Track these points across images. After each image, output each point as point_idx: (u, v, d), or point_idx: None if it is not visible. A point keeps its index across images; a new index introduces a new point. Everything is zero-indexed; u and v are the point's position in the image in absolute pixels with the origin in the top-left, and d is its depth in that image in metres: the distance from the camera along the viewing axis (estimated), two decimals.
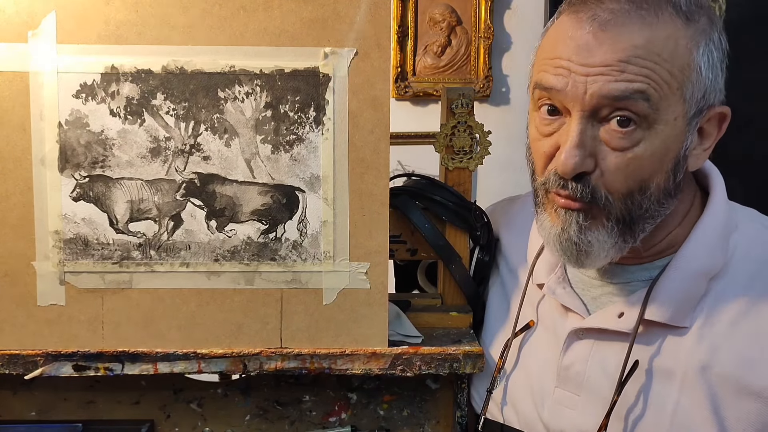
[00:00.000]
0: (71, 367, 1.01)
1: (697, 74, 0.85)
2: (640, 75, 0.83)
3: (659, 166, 0.87)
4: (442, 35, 2.21)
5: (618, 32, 0.84)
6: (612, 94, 0.84)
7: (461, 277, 1.12)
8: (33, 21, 0.97)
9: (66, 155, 0.99)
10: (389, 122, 1.00)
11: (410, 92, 2.22)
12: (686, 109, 0.86)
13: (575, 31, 0.86)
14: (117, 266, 1.01)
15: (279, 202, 1.01)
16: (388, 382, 1.09)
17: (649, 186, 0.88)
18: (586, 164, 0.87)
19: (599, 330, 0.94)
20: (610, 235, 0.89)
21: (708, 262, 0.91)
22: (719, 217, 0.93)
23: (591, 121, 0.86)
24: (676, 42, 0.84)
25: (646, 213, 0.89)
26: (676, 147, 0.87)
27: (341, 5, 0.97)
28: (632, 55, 0.83)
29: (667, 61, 0.84)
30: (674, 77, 0.84)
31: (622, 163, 0.86)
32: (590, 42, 0.85)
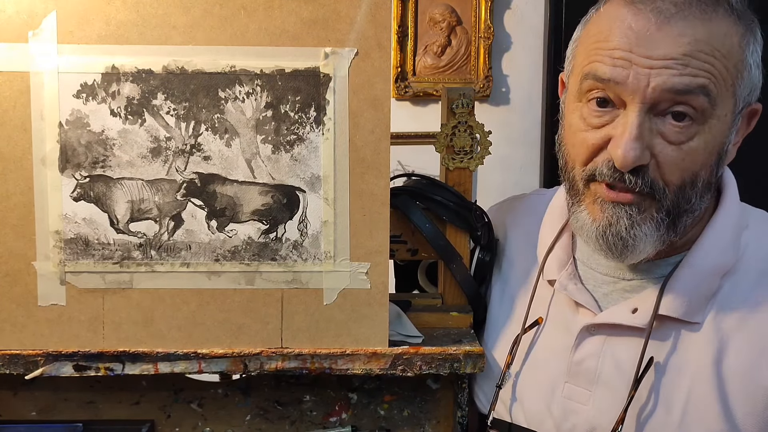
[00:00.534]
0: (72, 367, 1.01)
1: (748, 72, 0.87)
2: (703, 70, 0.84)
3: (708, 160, 0.89)
4: (442, 35, 2.21)
5: (682, 26, 0.84)
6: (676, 88, 0.84)
7: (462, 277, 1.12)
8: (33, 21, 0.97)
9: (67, 155, 0.99)
10: (389, 122, 1.00)
11: (410, 92, 2.22)
12: (735, 105, 0.88)
13: (637, 22, 0.85)
14: (117, 266, 1.01)
15: (279, 202, 1.01)
16: (389, 382, 1.09)
17: (699, 179, 0.89)
18: (644, 157, 0.87)
19: (612, 325, 0.95)
20: (658, 228, 0.90)
21: (721, 259, 0.92)
22: (732, 216, 0.94)
23: (649, 114, 0.86)
24: (731, 39, 0.85)
25: (691, 207, 0.90)
26: (722, 141, 0.89)
27: (341, 5, 0.97)
28: (696, 49, 0.84)
29: (725, 57, 0.85)
30: (730, 73, 0.86)
31: (678, 156, 0.87)
32: (654, 34, 0.84)
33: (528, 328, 1.04)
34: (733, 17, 0.86)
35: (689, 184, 0.89)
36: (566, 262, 1.03)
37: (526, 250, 1.12)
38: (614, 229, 0.90)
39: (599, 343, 0.96)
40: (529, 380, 1.02)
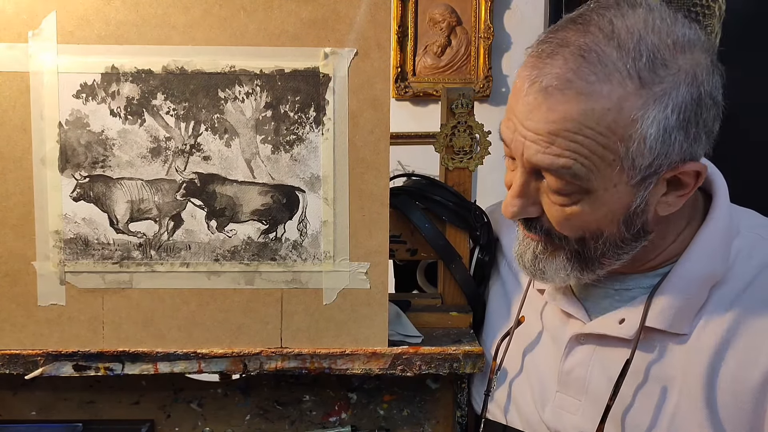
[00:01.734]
0: (71, 367, 1.01)
1: (639, 144, 0.81)
2: (568, 150, 0.81)
3: (606, 222, 0.87)
4: (442, 35, 2.21)
5: (556, 101, 0.81)
6: (539, 165, 0.84)
7: (461, 276, 1.12)
8: (33, 21, 0.97)
9: (66, 155, 0.99)
10: (389, 122, 1.00)
11: (410, 92, 2.22)
12: (629, 177, 0.83)
13: (521, 89, 0.84)
14: (117, 266, 1.01)
15: (279, 202, 1.01)
16: (388, 382, 1.09)
17: (601, 234, 0.87)
18: (529, 212, 0.88)
19: (600, 336, 0.94)
20: (565, 266, 0.91)
21: (709, 269, 0.90)
22: (721, 224, 0.92)
23: (534, 173, 0.86)
24: (618, 113, 0.80)
25: (603, 255, 0.89)
26: (621, 207, 0.85)
27: (341, 5, 0.98)
28: (563, 128, 0.81)
29: (602, 134, 0.80)
30: (609, 149, 0.81)
31: (563, 216, 0.87)
32: (530, 104, 0.83)
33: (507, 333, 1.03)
34: (632, 85, 0.80)
35: (591, 238, 0.88)
36: None
37: None
38: (523, 259, 0.94)
39: (588, 353, 0.95)
40: (523, 386, 1.02)
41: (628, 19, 0.82)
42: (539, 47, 0.84)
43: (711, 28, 2.25)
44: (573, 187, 0.84)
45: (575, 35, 0.82)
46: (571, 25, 0.84)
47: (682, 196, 0.87)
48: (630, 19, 0.82)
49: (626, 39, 0.80)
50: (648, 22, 0.82)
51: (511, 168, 0.91)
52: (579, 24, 0.83)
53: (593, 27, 0.82)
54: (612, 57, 0.80)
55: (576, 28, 0.83)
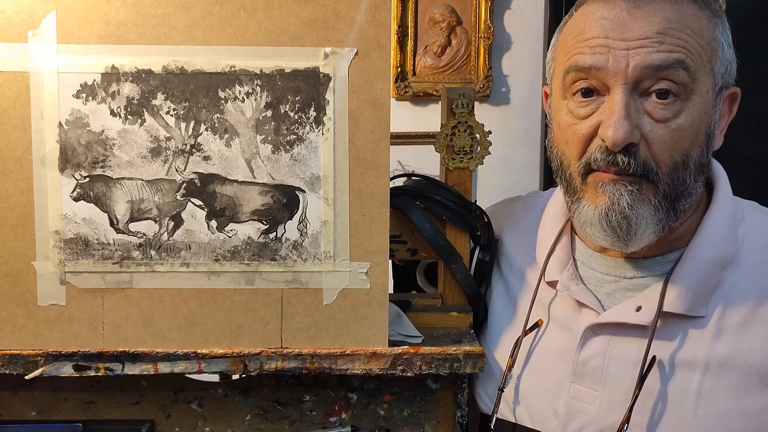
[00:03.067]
0: (71, 367, 1.01)
1: (721, 49, 0.91)
2: (678, 46, 0.88)
3: (696, 139, 0.91)
4: (442, 35, 2.21)
5: (651, 9, 0.88)
6: (654, 64, 0.87)
7: (462, 276, 1.12)
8: (33, 21, 0.97)
9: (66, 155, 0.99)
10: (389, 122, 1.00)
11: (410, 92, 2.22)
12: (715, 82, 0.91)
13: (608, 11, 0.90)
14: (117, 266, 1.01)
15: (279, 202, 1.01)
16: (389, 382, 1.09)
17: (690, 159, 0.91)
18: (634, 135, 0.89)
19: (617, 325, 0.95)
20: (656, 211, 0.91)
21: (720, 251, 0.93)
22: (726, 209, 0.96)
23: (633, 94, 0.89)
24: (700, 20, 0.90)
25: (687, 189, 0.92)
26: (707, 119, 0.92)
27: (341, 5, 0.97)
28: (668, 27, 0.88)
29: (697, 34, 0.89)
30: (704, 49, 0.89)
31: (666, 134, 0.89)
32: (626, 18, 0.88)
33: (528, 331, 1.03)
34: (699, 3, 0.91)
35: (681, 164, 0.90)
36: (567, 263, 1.03)
37: (525, 251, 1.12)
38: (617, 207, 0.91)
39: (604, 343, 0.96)
40: (532, 381, 1.02)
41: None
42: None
43: None
44: (679, 87, 0.88)
45: None
46: None
47: (722, 130, 0.96)
48: None
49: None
50: None
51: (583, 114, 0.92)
52: None
53: None
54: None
55: None
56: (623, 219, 0.91)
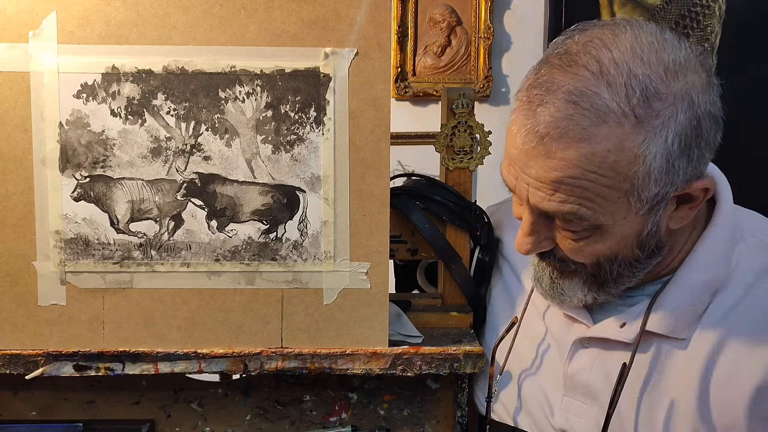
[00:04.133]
0: (72, 367, 1.01)
1: (644, 179, 0.80)
2: (573, 195, 0.81)
3: (620, 248, 0.86)
4: (442, 35, 2.21)
5: (554, 149, 0.80)
6: (547, 211, 0.84)
7: (461, 277, 1.12)
8: (34, 21, 0.97)
9: (67, 155, 0.99)
10: (389, 122, 1.00)
11: (410, 92, 2.22)
12: (637, 209, 0.82)
13: (519, 136, 0.83)
14: (118, 266, 1.01)
15: (279, 202, 1.01)
16: (389, 382, 1.09)
17: (616, 257, 0.87)
18: (542, 246, 0.89)
19: (603, 340, 0.94)
20: (582, 288, 0.91)
21: (710, 275, 0.89)
22: (724, 229, 0.91)
23: (543, 214, 0.86)
24: (619, 152, 0.79)
25: (619, 276, 0.89)
26: (634, 234, 0.85)
27: (341, 5, 0.98)
28: (565, 176, 0.80)
29: (605, 176, 0.80)
30: (614, 188, 0.81)
31: (578, 248, 0.87)
32: (529, 153, 0.82)
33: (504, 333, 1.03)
34: (628, 123, 0.78)
35: (607, 262, 0.88)
36: None
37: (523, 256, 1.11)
38: (541, 284, 0.94)
39: (592, 357, 0.95)
40: (532, 387, 1.02)
41: (614, 52, 0.79)
42: (529, 92, 0.83)
43: (711, 28, 2.25)
44: (582, 226, 0.84)
45: (563, 78, 0.80)
46: (558, 63, 0.81)
47: (693, 208, 0.87)
48: (616, 52, 0.80)
49: (616, 76, 0.78)
50: (636, 52, 0.79)
51: (519, 203, 0.90)
52: (565, 64, 0.81)
53: (580, 68, 0.80)
54: (604, 98, 0.78)
55: (563, 69, 0.81)
56: (551, 290, 0.93)
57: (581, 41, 0.82)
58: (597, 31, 0.83)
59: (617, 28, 0.82)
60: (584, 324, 0.97)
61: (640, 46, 0.80)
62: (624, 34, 0.81)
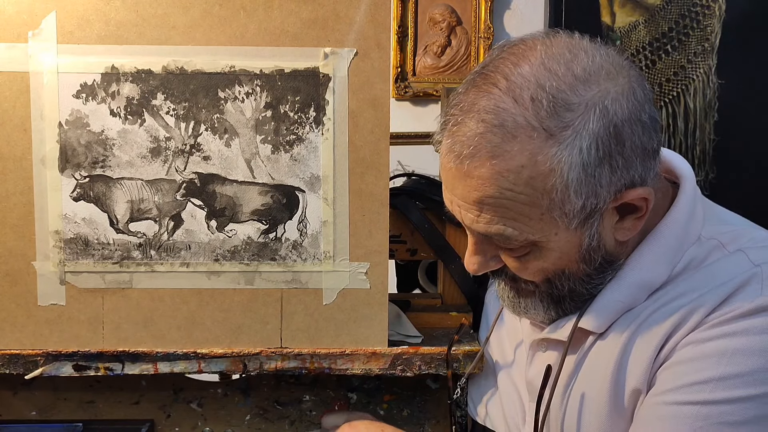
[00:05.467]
0: (71, 367, 1.01)
1: (563, 192, 0.78)
2: (496, 216, 0.81)
3: (563, 263, 0.85)
4: (442, 35, 2.21)
5: (471, 167, 0.79)
6: (477, 232, 0.84)
7: (461, 277, 1.12)
8: (33, 21, 0.97)
9: (66, 155, 0.99)
10: (389, 122, 1.00)
11: (410, 92, 2.23)
12: (566, 222, 0.81)
13: (443, 158, 0.83)
14: (117, 266, 1.01)
15: (279, 202, 1.01)
16: (388, 382, 1.09)
17: (563, 273, 0.86)
18: (490, 266, 0.88)
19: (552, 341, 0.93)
20: (542, 305, 0.90)
21: (648, 276, 0.87)
22: (675, 231, 0.88)
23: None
24: (533, 167, 0.78)
25: (572, 292, 0.88)
26: (573, 248, 0.84)
27: (341, 5, 0.98)
28: (484, 195, 0.80)
29: (523, 193, 0.79)
30: (534, 205, 0.80)
31: (522, 266, 0.86)
32: (452, 173, 0.82)
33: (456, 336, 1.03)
34: (539, 137, 0.77)
35: (555, 278, 0.87)
36: None
37: None
38: (504, 301, 0.94)
39: (545, 359, 0.94)
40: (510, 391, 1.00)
41: (523, 67, 0.79)
42: (449, 112, 0.83)
43: (711, 28, 2.25)
44: (518, 244, 0.83)
45: (477, 97, 0.80)
46: (473, 84, 0.82)
47: (639, 218, 0.84)
48: (526, 66, 0.79)
49: (522, 90, 0.78)
50: (545, 64, 0.79)
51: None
52: (480, 81, 0.81)
53: (491, 85, 0.80)
54: (512, 113, 0.77)
55: (476, 88, 0.81)
56: (514, 307, 0.93)
57: (497, 58, 0.82)
58: (512, 48, 0.82)
59: (530, 42, 0.82)
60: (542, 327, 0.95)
61: (549, 58, 0.79)
62: (535, 48, 0.81)
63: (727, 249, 0.86)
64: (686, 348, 0.82)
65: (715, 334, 0.80)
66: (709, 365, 0.79)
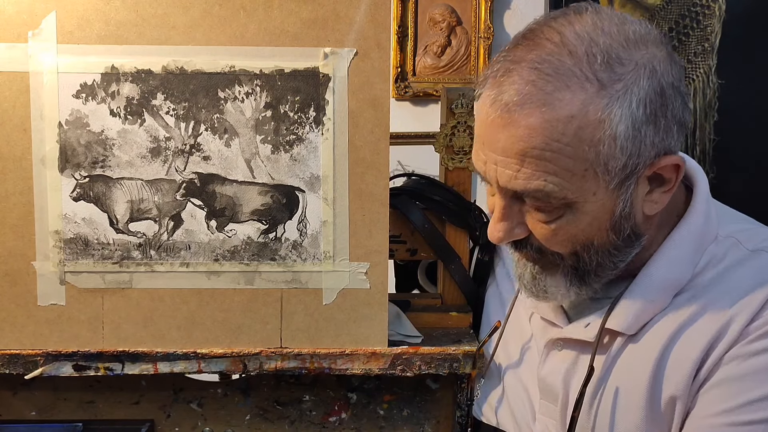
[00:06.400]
0: (71, 367, 1.01)
1: (610, 146, 0.79)
2: (538, 170, 0.80)
3: (594, 231, 0.85)
4: (442, 35, 2.21)
5: (518, 116, 0.79)
6: (514, 189, 0.83)
7: (461, 277, 1.12)
8: (33, 21, 0.97)
9: (66, 155, 0.99)
10: (389, 122, 1.00)
11: (410, 92, 2.23)
12: (605, 182, 0.81)
13: (485, 112, 0.83)
14: (117, 266, 1.01)
15: (279, 202, 1.01)
16: (388, 382, 1.09)
17: (591, 244, 0.86)
18: (515, 234, 0.87)
19: (572, 340, 0.93)
20: (564, 282, 0.89)
21: (673, 275, 0.88)
22: (693, 229, 0.89)
23: (514, 196, 0.85)
24: (583, 117, 0.78)
25: (599, 266, 0.87)
26: (606, 214, 0.84)
27: (341, 5, 0.98)
28: (530, 146, 0.79)
29: (570, 145, 0.79)
30: (580, 159, 0.79)
31: (551, 233, 0.85)
32: (495, 125, 0.81)
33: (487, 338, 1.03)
34: (592, 88, 0.78)
35: (583, 250, 0.86)
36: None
37: None
38: (523, 280, 0.92)
39: (561, 359, 0.94)
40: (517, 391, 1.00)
41: (576, 26, 0.81)
42: (494, 67, 0.83)
43: (711, 28, 2.25)
44: (552, 205, 0.82)
45: (526, 51, 0.81)
46: (522, 42, 0.83)
47: (666, 191, 0.85)
48: (578, 25, 0.81)
49: (577, 45, 0.79)
50: (597, 25, 0.81)
51: (491, 193, 0.89)
52: (529, 40, 0.82)
53: (543, 40, 0.81)
54: (567, 64, 0.79)
55: (526, 44, 0.82)
56: (533, 287, 0.91)
57: (544, 22, 0.85)
58: (560, 14, 0.85)
59: (578, 9, 0.84)
60: (558, 326, 0.96)
61: (600, 20, 0.82)
62: (585, 14, 0.83)
63: (745, 246, 0.88)
64: (732, 363, 0.82)
65: (761, 347, 0.81)
66: (761, 382, 0.80)
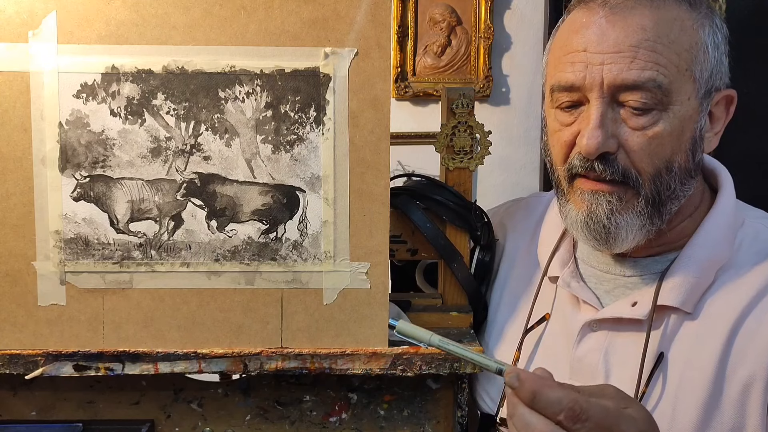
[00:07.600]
0: (72, 367, 1.01)
1: (704, 53, 0.90)
2: (650, 61, 0.87)
3: (678, 145, 0.91)
4: (442, 35, 2.21)
5: (628, 14, 0.89)
6: (626, 83, 0.88)
7: (463, 276, 1.12)
8: (33, 21, 0.97)
9: (66, 155, 0.99)
10: (389, 122, 1.00)
11: (410, 92, 2.22)
12: (697, 88, 0.90)
13: (588, 18, 0.91)
14: (117, 266, 1.01)
15: (279, 202, 1.01)
16: (389, 382, 1.09)
17: (674, 165, 0.91)
18: (608, 144, 0.90)
19: (614, 320, 0.96)
20: (639, 216, 0.92)
21: (715, 253, 0.94)
22: (727, 213, 0.97)
23: (610, 104, 0.90)
24: (682, 23, 0.89)
25: (673, 193, 0.92)
26: (691, 125, 0.91)
27: (341, 5, 0.98)
28: (642, 38, 0.88)
29: (675, 42, 0.88)
30: (682, 58, 0.89)
31: (643, 142, 0.89)
32: (603, 25, 0.89)
33: (535, 324, 1.04)
34: (684, 5, 0.90)
35: (664, 170, 0.91)
36: (568, 261, 1.05)
37: (527, 250, 1.13)
38: (594, 216, 0.94)
39: (601, 339, 0.97)
40: None
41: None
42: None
43: None
44: (654, 101, 0.88)
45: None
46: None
47: (717, 133, 0.96)
48: None
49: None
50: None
51: (567, 122, 0.94)
52: None
53: None
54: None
55: None
56: (602, 227, 0.93)
57: None
58: None
59: None
60: (593, 307, 0.99)
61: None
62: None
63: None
64: None
65: None
66: None
